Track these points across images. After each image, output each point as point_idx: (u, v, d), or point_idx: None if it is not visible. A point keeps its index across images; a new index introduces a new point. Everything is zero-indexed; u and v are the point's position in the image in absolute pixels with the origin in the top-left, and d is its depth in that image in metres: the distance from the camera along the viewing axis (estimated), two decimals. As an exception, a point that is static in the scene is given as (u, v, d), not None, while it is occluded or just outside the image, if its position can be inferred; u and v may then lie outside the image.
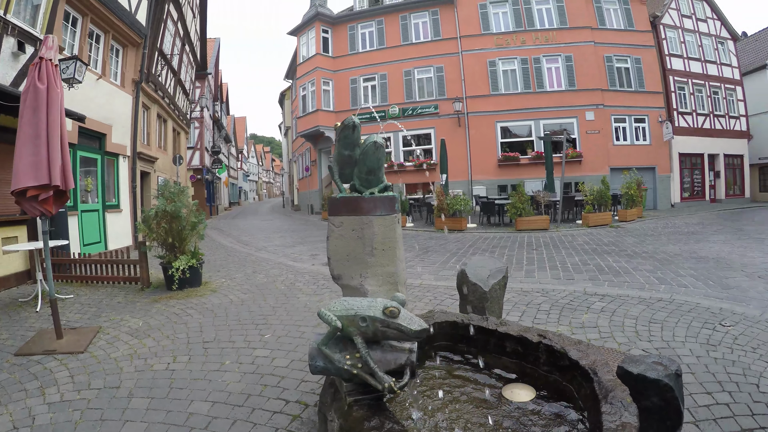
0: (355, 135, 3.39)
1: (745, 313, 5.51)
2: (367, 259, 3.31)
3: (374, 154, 3.32)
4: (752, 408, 3.33)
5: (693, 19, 29.32)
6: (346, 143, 3.42)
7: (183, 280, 7.46)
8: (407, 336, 2.27)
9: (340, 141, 3.44)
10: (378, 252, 3.32)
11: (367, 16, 27.43)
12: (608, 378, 2.30)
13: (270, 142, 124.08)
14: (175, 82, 19.69)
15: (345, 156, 3.46)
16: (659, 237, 13.69)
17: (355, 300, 2.45)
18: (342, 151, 3.46)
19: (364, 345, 2.34)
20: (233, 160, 53.63)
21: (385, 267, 3.36)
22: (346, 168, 3.53)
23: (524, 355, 2.94)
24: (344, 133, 3.38)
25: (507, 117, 25.54)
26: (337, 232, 3.39)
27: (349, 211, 3.32)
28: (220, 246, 13.88)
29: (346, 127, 3.34)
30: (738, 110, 30.22)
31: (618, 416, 1.98)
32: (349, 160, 3.48)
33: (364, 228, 3.29)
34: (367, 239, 3.29)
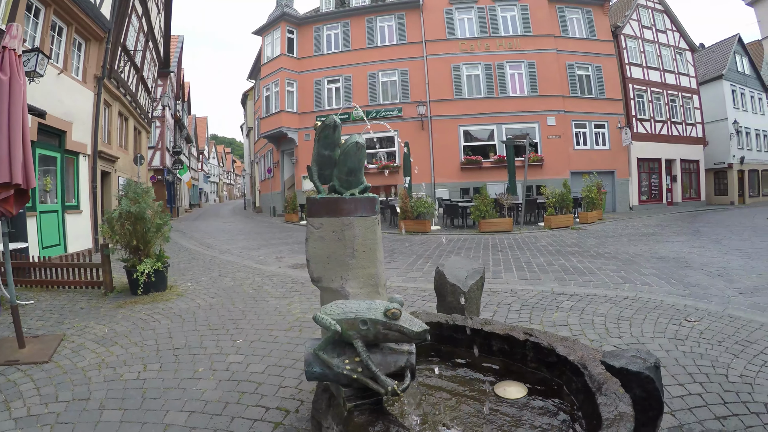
0: (336, 135, 3.31)
1: (708, 309, 5.76)
2: (348, 261, 3.24)
3: (356, 155, 3.23)
4: (723, 397, 3.49)
5: (653, 30, 30.47)
6: (326, 143, 3.33)
7: (148, 285, 7.15)
8: (409, 338, 2.23)
9: (319, 141, 3.34)
10: (359, 254, 3.25)
11: (333, 17, 27.32)
12: (598, 371, 2.32)
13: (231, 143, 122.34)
14: (137, 80, 19.16)
15: (325, 156, 3.37)
16: (620, 238, 14.03)
17: (353, 302, 2.38)
18: (321, 151, 3.37)
19: (364, 348, 2.27)
20: (194, 161, 52.58)
21: (366, 269, 3.30)
22: (326, 168, 3.44)
23: (511, 354, 2.93)
24: (324, 133, 3.29)
25: (470, 121, 25.81)
26: (316, 234, 3.30)
27: (329, 213, 3.25)
28: (184, 249, 13.50)
29: (326, 126, 3.25)
30: (694, 118, 31.59)
31: (614, 407, 1.99)
32: (329, 161, 3.39)
33: (345, 230, 3.22)
34: (348, 241, 3.22)
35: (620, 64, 28.27)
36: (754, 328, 5.02)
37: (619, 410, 1.96)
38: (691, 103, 31.57)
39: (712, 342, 4.62)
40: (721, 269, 8.56)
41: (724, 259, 9.70)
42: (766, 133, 37.43)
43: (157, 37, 22.77)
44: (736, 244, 12.15)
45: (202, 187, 60.88)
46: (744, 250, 11.00)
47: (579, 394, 2.40)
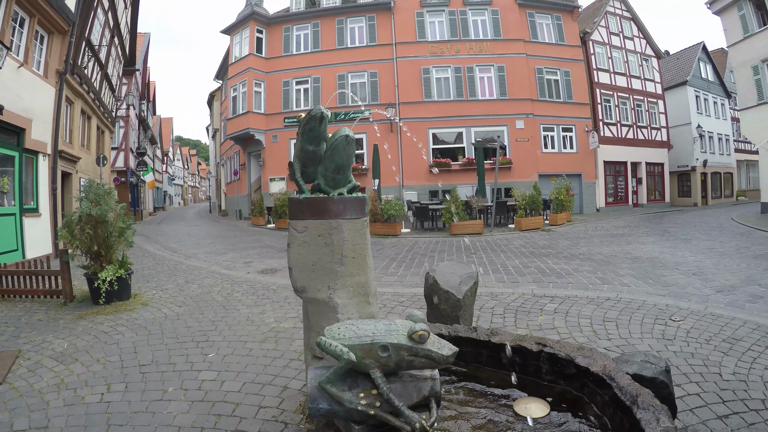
0: (323, 128, 3.06)
1: (690, 308, 5.86)
2: (336, 269, 2.98)
3: (345, 150, 2.98)
4: (721, 395, 3.52)
5: (620, 36, 31.17)
6: (311, 137, 3.08)
7: (110, 293, 6.67)
8: (438, 363, 1.98)
9: (303, 134, 3.08)
10: (348, 260, 3.01)
11: (304, 18, 26.92)
12: (626, 382, 2.19)
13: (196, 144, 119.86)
14: (101, 77, 18.40)
15: (309, 152, 3.11)
16: (592, 239, 14.16)
17: (365, 324, 2.08)
18: (305, 146, 3.11)
19: (384, 380, 1.99)
20: (158, 163, 51.28)
21: (355, 276, 3.05)
22: (309, 165, 3.17)
23: (523, 366, 2.74)
24: (309, 126, 3.03)
25: (439, 124, 25.78)
26: (300, 239, 3.03)
27: (314, 215, 2.99)
28: (148, 253, 12.90)
29: (312, 118, 3.00)
30: (659, 122, 32.48)
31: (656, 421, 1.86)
32: (313, 157, 3.13)
33: (333, 233, 2.97)
34: (336, 246, 2.97)
35: (588, 69, 28.75)
36: (737, 325, 5.14)
37: (663, 426, 1.83)
38: (657, 108, 32.41)
39: (700, 341, 4.68)
40: (695, 268, 8.75)
41: (697, 258, 9.95)
42: (727, 137, 38.77)
43: (123, 34, 21.96)
44: (706, 243, 12.46)
45: (166, 190, 59.38)
46: (714, 249, 11.32)
47: (607, 408, 2.26)
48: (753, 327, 5.09)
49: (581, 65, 28.08)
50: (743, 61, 22.64)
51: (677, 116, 34.40)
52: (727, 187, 39.14)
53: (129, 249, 7.40)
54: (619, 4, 31.70)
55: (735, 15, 22.61)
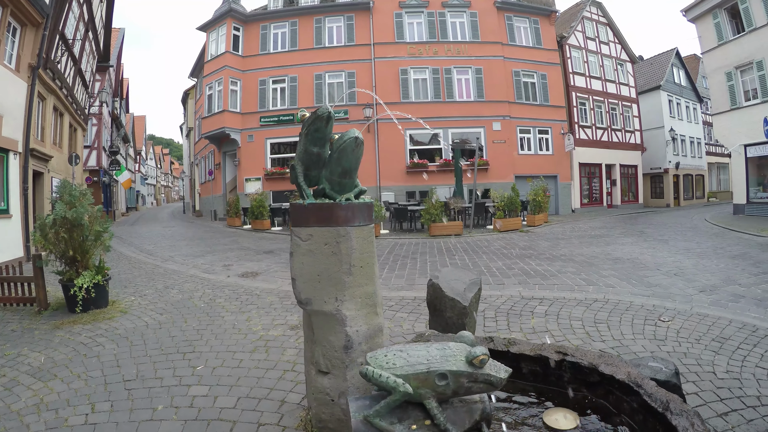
0: (328, 129, 2.90)
1: (677, 308, 5.98)
2: (343, 279, 2.84)
3: (353, 153, 2.84)
4: (718, 393, 3.62)
5: (596, 41, 31.68)
6: (316, 138, 2.91)
7: (87, 301, 6.35)
8: (495, 387, 1.88)
9: (308, 135, 2.91)
10: (356, 270, 2.87)
11: (282, 16, 26.53)
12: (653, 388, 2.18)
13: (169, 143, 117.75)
14: (75, 72, 17.83)
15: (313, 154, 2.95)
16: (570, 240, 14.28)
17: (416, 349, 1.93)
18: (309, 147, 2.94)
19: (440, 410, 1.85)
20: (131, 162, 50.22)
21: (363, 287, 2.92)
22: (313, 169, 3.01)
23: (544, 375, 2.68)
24: (315, 126, 2.86)
25: (416, 125, 25.59)
26: (304, 247, 2.88)
27: (320, 222, 2.84)
28: (123, 257, 12.44)
29: (318, 118, 2.83)
30: (633, 125, 33.20)
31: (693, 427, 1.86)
32: (318, 159, 2.97)
33: (341, 242, 2.83)
34: (344, 255, 2.83)
35: (564, 72, 29.08)
36: (724, 324, 5.29)
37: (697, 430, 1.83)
38: (631, 112, 33.11)
39: (690, 341, 4.79)
40: (676, 269, 8.95)
41: (676, 259, 10.16)
42: (699, 140, 39.84)
43: (98, 28, 21.31)
44: (683, 244, 12.71)
45: (139, 190, 58.08)
46: (692, 250, 11.55)
47: (637, 415, 2.24)
48: (739, 326, 5.24)
49: (558, 69, 28.38)
50: (717, 68, 23.22)
51: (651, 120, 35.15)
52: (698, 188, 40.17)
53: (106, 253, 7.10)
54: (596, 9, 32.23)
55: (710, 23, 23.20)
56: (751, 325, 5.23)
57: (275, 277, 8.83)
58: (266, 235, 18.00)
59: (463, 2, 26.36)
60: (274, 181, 25.35)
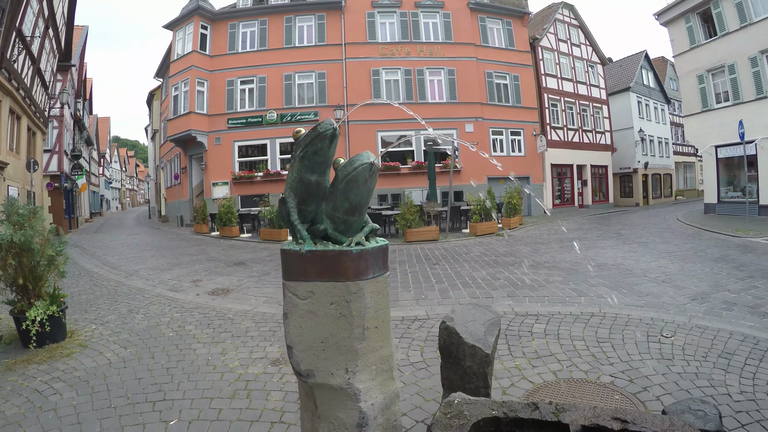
0: (332, 151, 2.33)
1: (675, 321, 5.83)
2: (355, 346, 2.29)
3: (366, 184, 2.28)
4: (738, 419, 3.46)
5: (568, 43, 32.02)
6: (315, 163, 2.32)
7: (42, 335, 5.53)
8: None
9: (304, 159, 2.33)
10: (370, 332, 2.32)
11: (251, 14, 25.80)
12: None
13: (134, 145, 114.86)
14: (33, 72, 16.89)
15: (311, 183, 2.36)
16: (550, 245, 14.10)
17: None
18: (305, 175, 2.35)
19: None
20: (95, 166, 48.54)
21: (378, 351, 2.38)
22: (310, 202, 2.41)
23: None
24: (314, 147, 2.29)
25: (388, 126, 25.31)
26: (303, 308, 2.32)
27: (324, 275, 2.27)
28: (84, 271, 11.50)
29: (319, 136, 2.26)
30: (604, 126, 33.70)
31: None
32: (316, 191, 2.38)
33: (352, 300, 2.25)
34: (356, 317, 2.27)
35: (537, 74, 29.23)
36: (725, 337, 5.17)
37: None
38: (601, 113, 33.59)
39: (697, 358, 4.64)
40: (662, 275, 8.87)
41: (660, 264, 10.11)
42: (667, 140, 40.88)
43: (59, 25, 20.27)
44: (663, 247, 12.74)
45: (103, 194, 56.26)
46: (673, 253, 11.55)
47: None
48: (740, 338, 5.12)
49: (530, 70, 28.46)
50: (689, 71, 23.68)
51: (620, 121, 35.80)
52: (666, 187, 41.16)
53: (61, 279, 6.21)
54: (568, 11, 32.59)
55: (682, 27, 23.64)
56: (752, 337, 5.12)
57: (248, 295, 8.23)
58: (235, 243, 17.30)
59: (436, 2, 26.13)
60: (243, 185, 24.64)
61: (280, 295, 7.90)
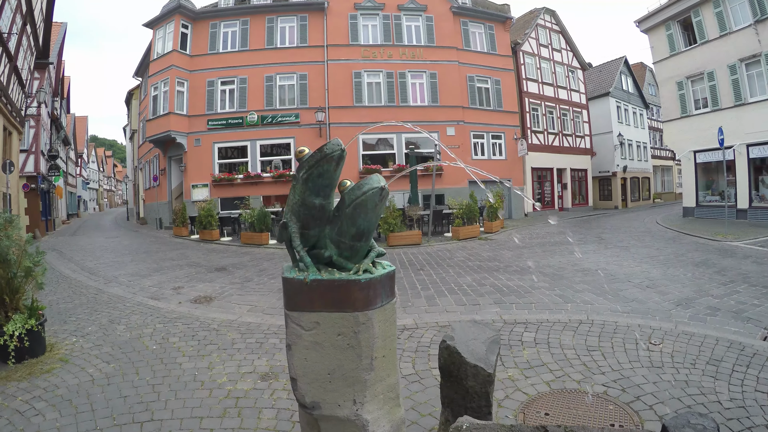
0: (338, 173, 2.25)
1: (662, 328, 5.84)
2: (363, 377, 2.19)
3: (375, 210, 2.20)
4: (731, 426, 3.50)
5: (549, 48, 32.35)
6: (320, 185, 2.21)
7: (21, 350, 5.20)
8: None
9: (308, 182, 2.21)
10: (378, 361, 2.23)
11: (233, 14, 25.52)
12: None
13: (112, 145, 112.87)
14: (10, 70, 16.38)
15: (314, 207, 2.24)
16: (533, 249, 14.16)
17: None
18: (309, 198, 2.23)
19: None
20: (72, 166, 47.50)
21: (386, 380, 2.29)
22: (313, 226, 2.30)
23: None
24: (320, 169, 2.18)
25: (370, 129, 25.23)
26: (308, 339, 2.22)
27: (331, 306, 2.16)
28: (63, 278, 11.06)
29: (325, 158, 2.15)
30: (583, 130, 34.15)
31: None
32: (320, 214, 2.27)
33: (360, 331, 2.15)
34: (364, 348, 2.17)
35: (518, 78, 29.49)
36: (712, 344, 5.23)
37: None
38: (581, 117, 34.01)
39: (686, 366, 4.68)
40: (646, 280, 8.96)
41: (643, 268, 10.22)
42: (645, 144, 41.62)
43: (37, 22, 19.67)
44: (644, 251, 12.86)
45: (80, 195, 55.08)
46: (655, 257, 11.67)
47: None
48: (726, 345, 5.19)
49: (511, 74, 28.69)
50: (669, 77, 24.11)
51: (600, 125, 36.24)
52: (644, 190, 41.84)
53: (40, 291, 5.96)
54: (549, 17, 32.96)
55: (663, 34, 24.04)
56: (738, 343, 5.19)
57: (231, 303, 8.02)
58: (216, 246, 17.03)
59: (419, 6, 26.13)
60: (223, 187, 24.34)
61: (264, 303, 7.90)
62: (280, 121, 24.72)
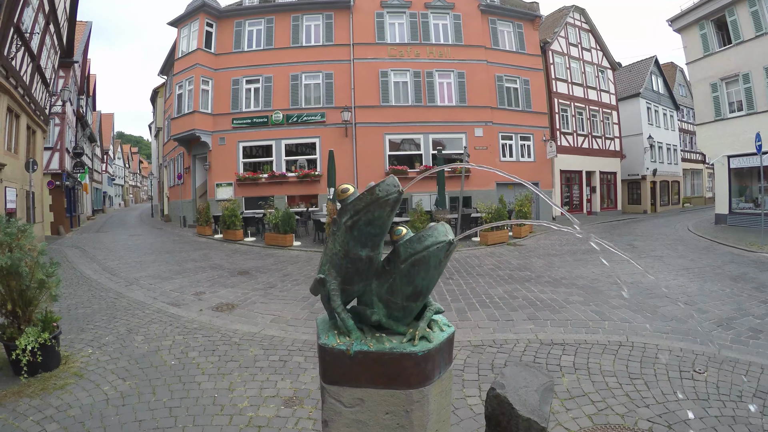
0: (392, 217, 1.84)
1: (705, 353, 5.56)
2: None
3: (438, 267, 1.81)
4: None
5: (579, 47, 31.66)
6: (368, 234, 1.83)
7: (34, 364, 4.97)
8: None
9: (354, 229, 1.84)
10: None
11: (257, 12, 25.39)
12: None
13: (138, 141, 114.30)
14: (33, 69, 16.42)
15: (360, 259, 1.87)
16: (564, 257, 13.71)
17: None
18: (354, 248, 1.86)
19: None
20: (98, 162, 48.05)
21: None
22: (357, 281, 1.93)
23: None
24: (372, 215, 1.80)
25: (396, 129, 24.96)
26: (349, 416, 1.89)
27: (379, 382, 1.84)
28: (83, 279, 10.95)
29: (378, 202, 1.76)
30: (613, 132, 33.34)
31: None
32: (367, 267, 1.90)
33: (413, 410, 1.82)
34: (417, 426, 1.84)
35: (547, 78, 28.87)
36: (757, 372, 4.96)
37: None
38: (611, 119, 33.20)
39: (733, 398, 4.40)
40: (683, 295, 8.63)
41: (679, 282, 9.83)
42: (675, 147, 40.53)
43: (61, 21, 19.75)
44: (678, 261, 12.46)
45: (106, 191, 55.84)
46: (690, 269, 11.26)
47: None
48: None
49: (540, 74, 28.08)
50: (702, 79, 23.34)
51: (629, 127, 35.46)
52: (673, 194, 40.90)
53: (54, 303, 5.69)
54: (579, 15, 32.25)
55: (696, 34, 23.29)
56: None
57: (254, 312, 7.76)
58: (239, 247, 16.90)
59: (446, 4, 25.69)
60: (247, 186, 24.26)
61: (287, 313, 7.63)
62: (305, 121, 24.54)
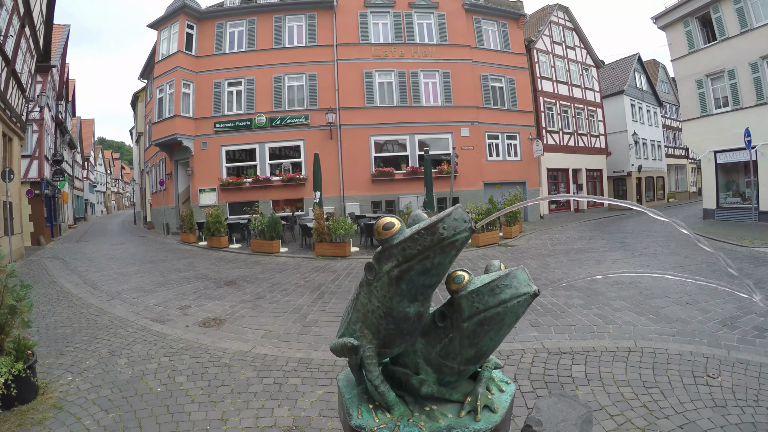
0: (453, 261, 1.43)
1: (715, 355, 5.44)
2: None
3: (513, 324, 1.49)
4: None
5: (563, 46, 31.77)
6: (422, 285, 1.44)
7: (9, 398, 4.46)
8: None
9: (403, 280, 1.41)
10: None
11: (239, 13, 24.89)
12: None
13: (120, 147, 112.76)
14: (8, 74, 15.81)
15: (407, 317, 1.48)
16: (558, 257, 13.54)
17: None
18: (398, 304, 1.46)
19: None
20: (78, 169, 47.06)
21: None
22: (400, 342, 1.55)
23: None
24: (434, 260, 1.37)
25: (381, 131, 24.70)
26: None
27: None
28: (63, 293, 10.43)
29: (443, 242, 1.33)
30: (598, 130, 33.51)
31: None
32: (414, 326, 1.53)
33: None
34: None
35: (532, 77, 28.85)
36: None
37: None
38: (596, 116, 33.38)
39: (751, 404, 4.28)
40: (684, 294, 8.42)
41: (677, 280, 9.60)
42: (659, 143, 41.00)
43: (37, 24, 19.09)
44: (673, 259, 12.38)
45: (87, 198, 54.61)
46: (686, 267, 11.21)
47: None
48: None
49: (525, 73, 28.08)
50: (687, 75, 23.51)
51: (614, 124, 35.75)
52: (658, 189, 41.30)
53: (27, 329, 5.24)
54: (563, 14, 32.36)
55: (681, 31, 23.44)
56: None
57: (243, 327, 7.34)
58: (225, 255, 16.48)
59: (430, 3, 25.50)
60: (231, 191, 23.79)
61: (278, 326, 7.25)
62: (289, 123, 24.15)
